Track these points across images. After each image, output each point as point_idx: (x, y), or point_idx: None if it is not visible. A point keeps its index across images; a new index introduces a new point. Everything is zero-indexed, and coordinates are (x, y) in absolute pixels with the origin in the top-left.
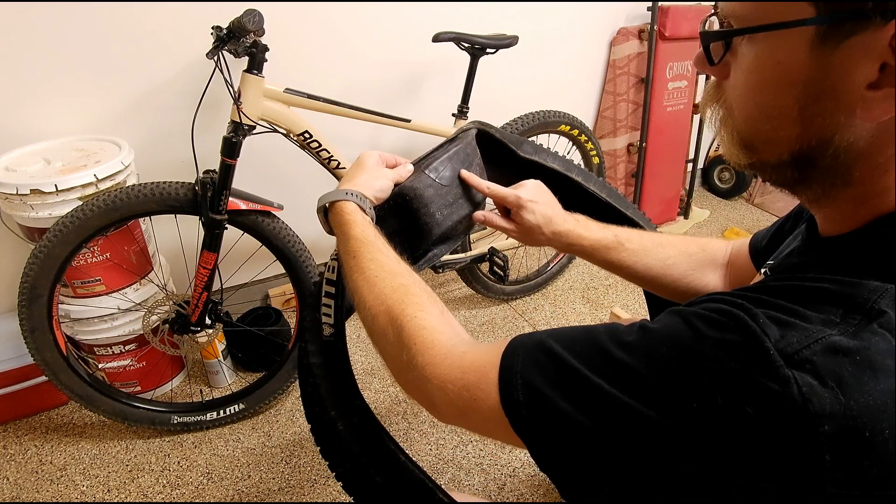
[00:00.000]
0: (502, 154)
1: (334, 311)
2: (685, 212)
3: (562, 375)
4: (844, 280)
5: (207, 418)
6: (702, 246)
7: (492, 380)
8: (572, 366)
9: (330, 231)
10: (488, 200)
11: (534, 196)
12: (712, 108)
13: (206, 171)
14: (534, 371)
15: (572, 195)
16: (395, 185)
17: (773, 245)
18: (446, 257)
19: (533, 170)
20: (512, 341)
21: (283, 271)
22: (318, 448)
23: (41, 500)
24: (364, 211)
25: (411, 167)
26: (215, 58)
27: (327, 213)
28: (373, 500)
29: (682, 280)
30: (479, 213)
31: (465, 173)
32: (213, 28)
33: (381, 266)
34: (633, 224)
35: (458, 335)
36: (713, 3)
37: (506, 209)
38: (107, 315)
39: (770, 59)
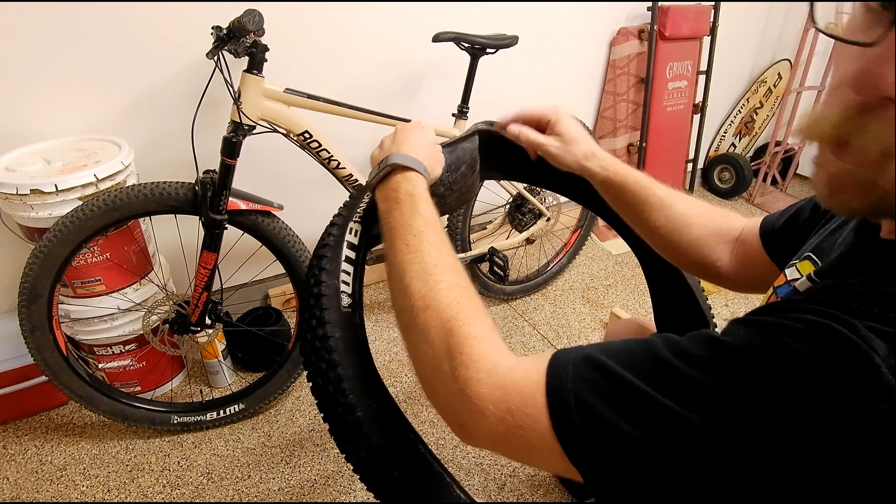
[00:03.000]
0: (513, 150)
1: (353, 279)
2: None
3: (623, 396)
4: None
5: (207, 418)
6: (722, 215)
7: (539, 403)
8: (634, 385)
9: (375, 185)
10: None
11: (569, 114)
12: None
13: (206, 171)
14: (588, 391)
15: (586, 189)
16: None
17: (788, 232)
18: None
19: (546, 164)
20: (555, 357)
21: (283, 271)
22: (332, 434)
23: (41, 500)
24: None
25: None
26: (215, 58)
27: (382, 173)
28: (391, 494)
29: (695, 244)
30: (513, 127)
31: (512, 128)
32: (213, 28)
33: (444, 257)
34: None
35: (504, 349)
36: (714, 2)
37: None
38: (107, 315)
39: None
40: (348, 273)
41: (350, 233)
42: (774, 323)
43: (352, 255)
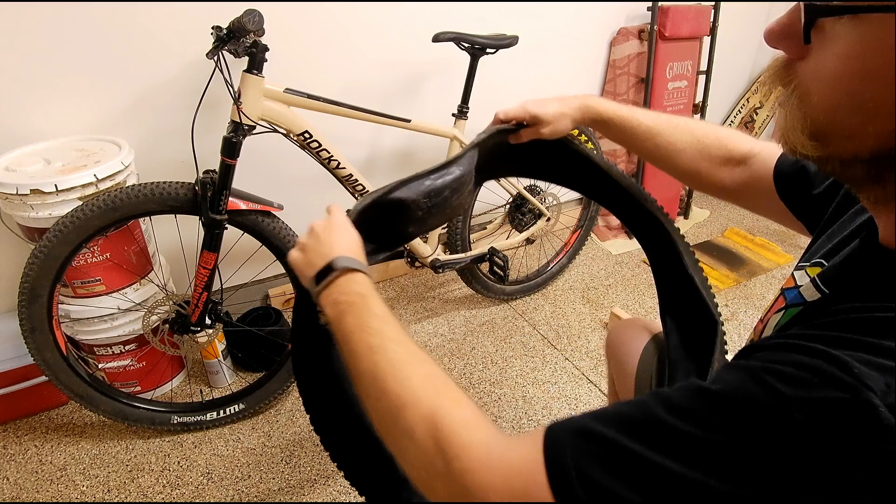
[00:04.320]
0: (520, 147)
1: None
2: (685, 212)
3: (621, 462)
4: None
5: (207, 418)
6: (719, 138)
7: (541, 482)
8: (630, 449)
9: (319, 293)
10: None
11: (536, 99)
12: (777, 90)
13: (206, 171)
14: (586, 461)
15: (594, 182)
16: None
17: (800, 182)
18: (446, 257)
19: (557, 150)
20: (549, 431)
21: (283, 271)
22: (319, 436)
23: (41, 500)
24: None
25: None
26: (215, 58)
27: (322, 281)
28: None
29: (692, 166)
30: (511, 138)
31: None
32: (213, 28)
33: (408, 350)
34: (650, 216)
35: (493, 431)
36: (714, 2)
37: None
38: (107, 315)
39: (879, 45)
40: None
41: None
42: (764, 368)
43: None
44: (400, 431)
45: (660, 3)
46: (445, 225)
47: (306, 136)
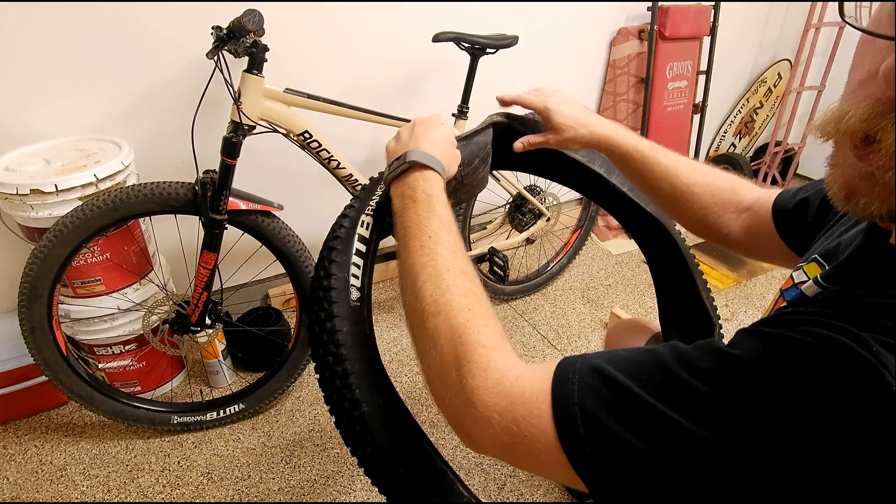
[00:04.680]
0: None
1: (362, 273)
2: None
3: (629, 408)
4: None
5: (207, 418)
6: (732, 185)
7: (545, 413)
8: (640, 397)
9: (391, 181)
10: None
11: (561, 100)
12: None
13: (206, 171)
14: (594, 401)
15: (594, 186)
16: None
17: (798, 217)
18: None
19: (556, 159)
20: (561, 365)
21: (283, 271)
22: (338, 427)
23: (41, 500)
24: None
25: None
26: (215, 58)
27: (399, 169)
28: (394, 490)
29: (701, 211)
30: (517, 143)
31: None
32: (213, 28)
33: (457, 261)
34: (650, 218)
35: (512, 357)
36: (714, 2)
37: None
38: (107, 315)
39: None
40: (358, 266)
41: (362, 226)
42: (784, 336)
43: (363, 248)
44: (427, 335)
45: (660, 3)
46: None
47: (306, 136)
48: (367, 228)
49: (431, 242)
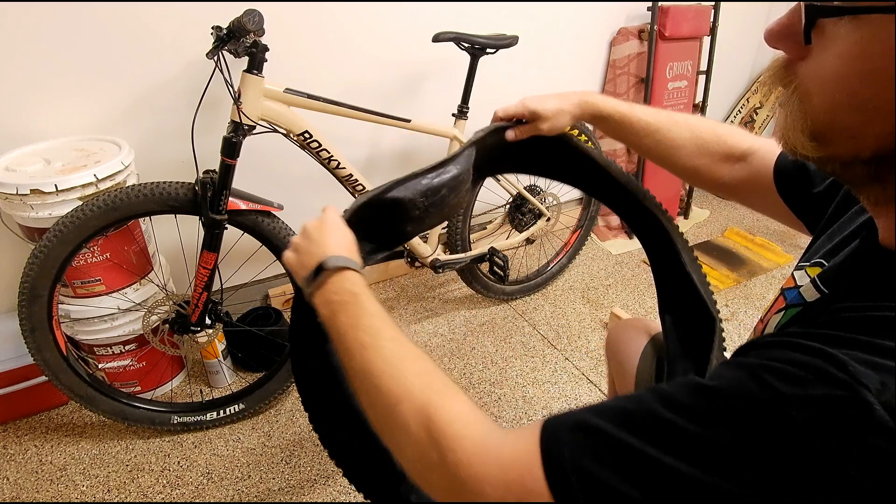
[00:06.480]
0: (520, 145)
1: None
2: (685, 212)
3: (618, 455)
4: None
5: (207, 418)
6: (718, 135)
7: (537, 475)
8: (628, 443)
9: (313, 293)
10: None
11: (536, 96)
12: (777, 91)
13: (206, 171)
14: (584, 455)
15: (594, 179)
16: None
17: (799, 180)
18: (446, 257)
19: (556, 147)
20: (547, 424)
21: (283, 271)
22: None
23: (41, 500)
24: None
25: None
26: (215, 58)
27: (314, 281)
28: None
29: (690, 163)
30: (509, 133)
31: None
32: (213, 28)
33: (402, 347)
34: (647, 213)
35: (488, 424)
36: (714, 2)
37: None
38: (107, 315)
39: (880, 46)
40: None
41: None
42: (762, 366)
43: None
44: (395, 426)
45: (660, 3)
46: (445, 225)
47: (306, 136)
48: None
49: (371, 338)
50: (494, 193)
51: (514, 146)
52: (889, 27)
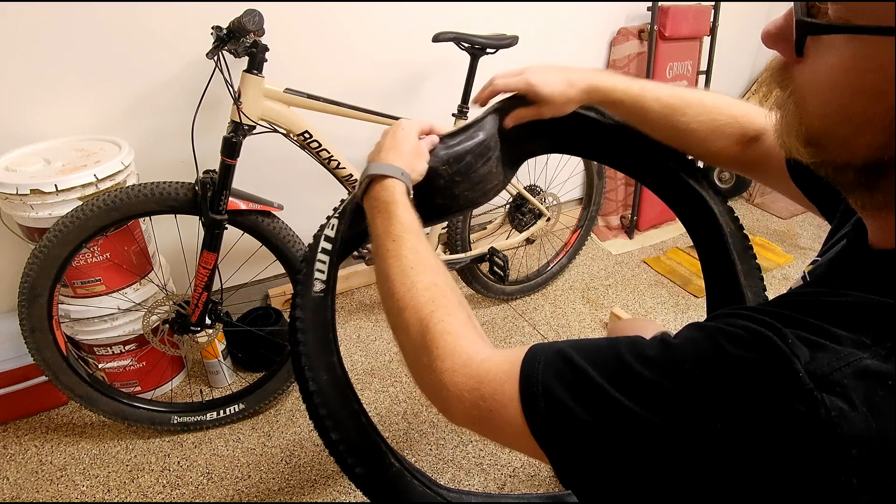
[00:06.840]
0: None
1: (328, 268)
2: None
3: (581, 387)
4: (882, 301)
5: (207, 418)
6: (733, 114)
7: (509, 391)
8: (591, 378)
9: (361, 197)
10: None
11: (538, 70)
12: (775, 91)
13: (206, 171)
14: (555, 380)
15: (632, 155)
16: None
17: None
18: (446, 257)
19: (588, 124)
20: (531, 350)
21: (283, 271)
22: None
23: (41, 500)
24: (409, 193)
25: (437, 140)
26: (215, 58)
27: (363, 185)
28: (333, 455)
29: (704, 145)
30: (507, 119)
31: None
32: (213, 28)
33: (420, 258)
34: (696, 195)
35: (482, 341)
36: (714, 2)
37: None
38: (107, 315)
39: (871, 63)
40: (323, 262)
41: (328, 227)
42: (718, 328)
43: (328, 246)
44: (400, 328)
45: (660, 3)
46: (445, 225)
47: (306, 136)
48: (332, 229)
49: (395, 245)
50: None
51: (545, 125)
52: (878, 46)
